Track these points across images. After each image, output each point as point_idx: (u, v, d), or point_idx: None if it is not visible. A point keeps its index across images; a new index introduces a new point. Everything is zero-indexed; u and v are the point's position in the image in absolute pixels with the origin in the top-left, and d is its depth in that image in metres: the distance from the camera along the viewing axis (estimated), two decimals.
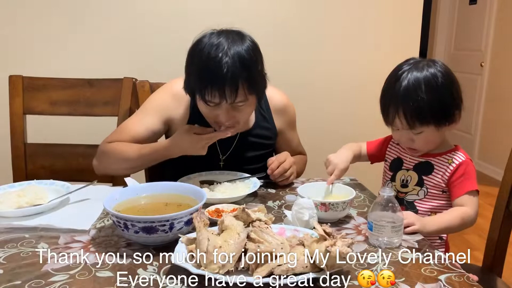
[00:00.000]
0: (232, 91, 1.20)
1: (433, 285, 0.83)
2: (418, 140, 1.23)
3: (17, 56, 2.11)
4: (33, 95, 1.68)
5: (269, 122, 1.50)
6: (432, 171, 1.25)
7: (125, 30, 2.14)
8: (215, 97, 1.21)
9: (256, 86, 1.27)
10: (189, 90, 1.30)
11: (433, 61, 1.22)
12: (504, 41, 3.98)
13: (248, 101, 1.27)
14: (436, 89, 1.17)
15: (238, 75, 1.19)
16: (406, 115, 1.18)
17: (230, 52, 1.19)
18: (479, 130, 4.35)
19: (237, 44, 1.21)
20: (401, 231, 0.99)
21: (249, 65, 1.21)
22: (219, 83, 1.19)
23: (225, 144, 1.44)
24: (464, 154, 1.25)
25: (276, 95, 1.52)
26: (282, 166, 1.37)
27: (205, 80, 1.20)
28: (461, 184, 1.20)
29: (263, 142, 1.50)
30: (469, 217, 1.16)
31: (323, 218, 1.11)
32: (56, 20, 2.10)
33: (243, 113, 1.30)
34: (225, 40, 1.21)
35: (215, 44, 1.20)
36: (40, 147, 1.70)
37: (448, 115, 1.20)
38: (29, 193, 1.19)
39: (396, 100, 1.19)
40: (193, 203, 1.04)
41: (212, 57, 1.19)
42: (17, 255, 0.94)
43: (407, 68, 1.21)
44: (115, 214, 0.94)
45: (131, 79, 1.68)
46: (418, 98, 1.16)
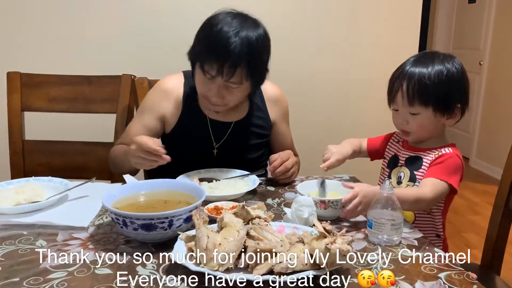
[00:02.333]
0: (230, 69, 1.23)
1: (433, 283, 0.82)
2: (413, 122, 1.23)
3: (15, 53, 2.10)
4: (31, 92, 1.68)
5: (264, 112, 1.52)
6: (421, 166, 1.24)
7: (124, 27, 2.13)
8: (213, 70, 1.25)
9: (255, 74, 1.30)
10: (192, 57, 1.33)
11: (451, 56, 1.23)
12: (503, 40, 3.98)
13: (242, 86, 1.30)
14: (445, 77, 1.19)
15: (241, 57, 1.22)
16: (409, 89, 1.19)
17: (241, 33, 1.23)
18: (477, 129, 4.36)
19: (250, 30, 1.25)
20: (401, 229, 0.99)
21: (254, 52, 1.25)
22: (221, 58, 1.22)
23: (219, 131, 1.45)
24: (454, 150, 1.23)
25: (269, 86, 1.54)
26: (284, 164, 1.36)
27: (209, 51, 1.24)
28: (431, 170, 1.19)
29: (258, 131, 1.51)
30: (425, 199, 1.12)
31: (323, 215, 1.10)
32: (55, 16, 2.09)
33: (233, 96, 1.32)
34: (239, 23, 1.25)
35: (229, 22, 1.24)
36: (38, 144, 1.70)
37: (449, 104, 1.20)
38: (27, 190, 1.19)
39: (404, 74, 1.21)
40: (192, 200, 1.04)
41: (223, 31, 1.22)
42: (15, 252, 0.93)
43: (422, 55, 1.24)
44: (114, 211, 0.93)
45: (129, 76, 1.68)
46: (425, 77, 1.18)
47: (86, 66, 2.05)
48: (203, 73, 1.28)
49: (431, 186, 1.15)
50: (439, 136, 1.28)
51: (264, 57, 1.31)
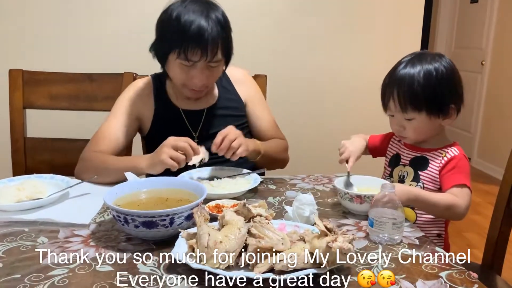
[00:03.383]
0: (214, 48, 1.30)
1: (434, 282, 0.82)
2: (409, 127, 1.23)
3: (18, 50, 2.10)
4: (33, 89, 1.68)
5: (233, 93, 1.55)
6: (427, 166, 1.24)
7: (126, 25, 2.13)
8: (197, 54, 1.29)
9: (229, 50, 1.39)
10: (162, 53, 1.36)
11: (440, 56, 1.22)
12: (504, 39, 3.98)
13: (220, 63, 1.38)
14: (435, 79, 1.18)
15: (219, 35, 1.31)
16: (400, 96, 1.19)
17: (210, 15, 1.30)
18: (479, 129, 4.35)
19: (214, 10, 1.33)
20: (402, 228, 0.98)
21: (225, 28, 1.34)
22: (202, 41, 1.28)
23: (194, 121, 1.48)
24: (459, 149, 1.24)
25: (234, 68, 1.57)
26: (227, 138, 1.28)
27: (188, 38, 1.28)
28: (450, 177, 1.19)
29: (232, 113, 1.52)
30: (459, 207, 1.13)
31: (358, 210, 1.13)
32: (57, 14, 2.09)
33: (214, 74, 1.39)
34: (200, 7, 1.31)
35: (193, 8, 1.30)
36: (40, 141, 1.70)
37: (442, 106, 1.20)
38: (28, 187, 1.19)
39: (394, 81, 1.21)
40: (193, 198, 1.04)
41: (194, 17, 1.28)
42: (17, 248, 0.93)
43: (411, 57, 1.23)
44: (115, 209, 0.93)
45: (131, 74, 1.68)
46: (414, 82, 1.18)
47: (88, 64, 2.05)
48: (186, 61, 1.30)
49: (460, 194, 1.14)
50: (440, 134, 1.28)
51: (231, 32, 1.39)
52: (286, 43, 2.32)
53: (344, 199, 1.14)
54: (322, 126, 2.39)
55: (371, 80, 2.34)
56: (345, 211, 1.16)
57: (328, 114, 2.40)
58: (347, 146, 1.30)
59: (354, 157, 1.27)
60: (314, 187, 1.35)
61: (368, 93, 2.36)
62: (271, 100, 1.78)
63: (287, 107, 2.35)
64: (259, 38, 2.26)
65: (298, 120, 2.40)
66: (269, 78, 1.76)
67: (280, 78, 1.58)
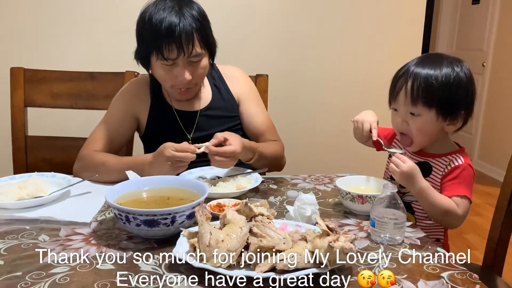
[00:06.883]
0: (189, 41, 1.27)
1: (435, 282, 0.82)
2: (412, 124, 1.19)
3: (19, 48, 2.10)
4: (35, 88, 1.68)
5: (226, 92, 1.52)
6: (430, 173, 1.22)
7: (128, 23, 2.12)
8: (173, 51, 1.27)
9: (208, 39, 1.35)
10: (143, 57, 1.35)
11: (460, 61, 1.19)
12: (506, 41, 3.97)
13: (203, 56, 1.34)
14: (453, 81, 1.15)
15: (191, 26, 1.27)
16: (413, 88, 1.15)
17: (182, 10, 1.28)
18: (479, 130, 4.35)
19: (185, 5, 1.30)
20: (403, 228, 0.98)
21: (199, 19, 1.30)
22: (175, 36, 1.25)
23: (187, 121, 1.47)
24: (465, 157, 1.21)
25: (227, 66, 1.56)
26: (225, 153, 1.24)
27: (161, 37, 1.26)
28: (452, 187, 1.17)
29: (225, 114, 1.50)
30: (456, 216, 1.13)
31: (359, 210, 1.13)
32: (58, 12, 2.09)
33: (198, 71, 1.35)
34: (171, 3, 1.29)
35: (164, 6, 1.28)
36: (41, 139, 1.70)
37: (454, 110, 1.17)
38: (30, 185, 1.19)
39: (410, 74, 1.17)
40: (195, 197, 1.04)
41: (165, 14, 1.26)
42: (18, 246, 0.93)
43: (429, 56, 1.21)
44: (117, 207, 0.94)
45: (133, 72, 1.68)
46: (432, 78, 1.14)
47: (89, 62, 2.05)
48: (165, 60, 1.29)
49: (459, 203, 1.14)
50: (444, 139, 1.25)
51: (208, 24, 1.36)
52: (287, 43, 2.32)
53: (346, 199, 1.14)
54: (323, 126, 2.39)
55: (373, 81, 2.36)
56: (346, 211, 1.16)
57: (329, 114, 2.40)
58: (364, 119, 1.30)
59: (375, 123, 1.28)
60: (315, 187, 1.35)
61: (370, 93, 2.37)
62: (272, 100, 1.78)
63: (288, 107, 2.35)
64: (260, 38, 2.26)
65: (299, 120, 2.40)
66: (271, 78, 1.75)
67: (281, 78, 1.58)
